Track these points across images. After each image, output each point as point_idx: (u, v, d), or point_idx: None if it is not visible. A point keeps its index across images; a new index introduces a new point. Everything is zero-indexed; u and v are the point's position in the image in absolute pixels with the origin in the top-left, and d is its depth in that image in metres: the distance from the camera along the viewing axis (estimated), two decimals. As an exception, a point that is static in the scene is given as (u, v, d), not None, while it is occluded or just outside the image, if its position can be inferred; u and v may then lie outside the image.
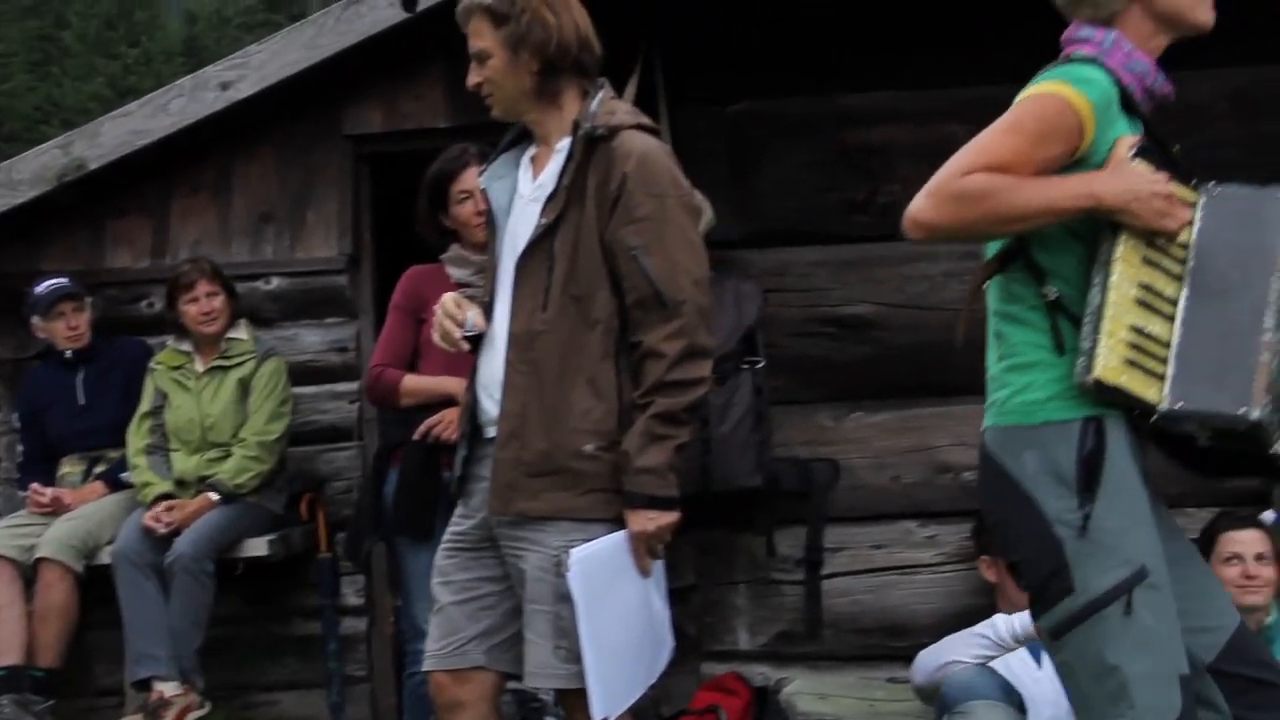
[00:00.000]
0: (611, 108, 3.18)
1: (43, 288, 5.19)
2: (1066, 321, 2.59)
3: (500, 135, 3.33)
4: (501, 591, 3.20)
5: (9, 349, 5.46)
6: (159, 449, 5.07)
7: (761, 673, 4.79)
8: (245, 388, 5.08)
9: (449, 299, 3.27)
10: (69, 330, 5.19)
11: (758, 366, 4.53)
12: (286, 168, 5.43)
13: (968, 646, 4.11)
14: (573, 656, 3.04)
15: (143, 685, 4.79)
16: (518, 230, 3.20)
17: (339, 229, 5.41)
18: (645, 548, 3.09)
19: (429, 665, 3.26)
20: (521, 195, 3.24)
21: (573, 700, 3.11)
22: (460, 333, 3.22)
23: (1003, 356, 2.69)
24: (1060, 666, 2.67)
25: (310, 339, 5.40)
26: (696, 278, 3.10)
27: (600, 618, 3.03)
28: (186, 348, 5.16)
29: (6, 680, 4.80)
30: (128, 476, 5.07)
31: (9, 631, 4.86)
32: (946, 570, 4.72)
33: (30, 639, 4.88)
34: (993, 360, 2.73)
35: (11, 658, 4.83)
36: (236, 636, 5.18)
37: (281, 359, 5.19)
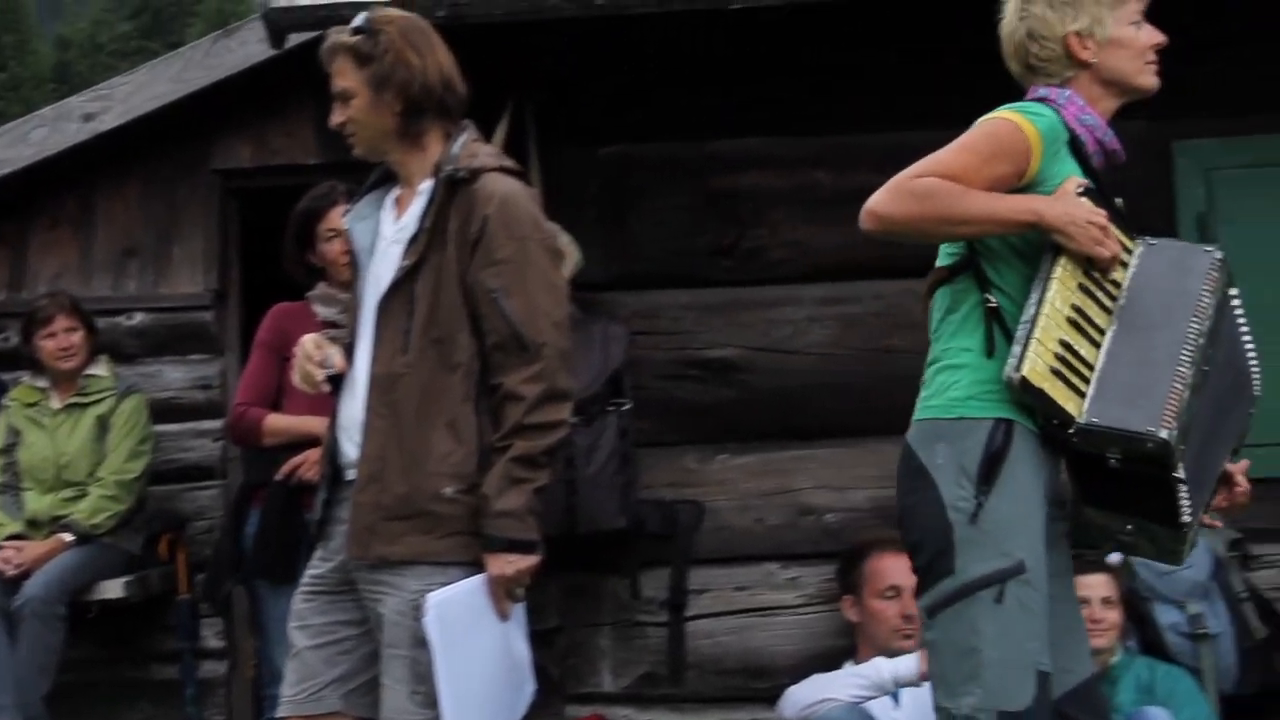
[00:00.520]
0: (473, 150, 3.18)
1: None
2: (1000, 330, 2.77)
3: (371, 174, 3.32)
4: (359, 636, 3.17)
5: None
6: (10, 488, 4.95)
7: (625, 715, 4.78)
8: (104, 425, 4.99)
9: (309, 340, 3.25)
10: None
11: (624, 409, 4.54)
12: (151, 201, 5.36)
13: (846, 686, 4.17)
14: (430, 701, 3.01)
15: (-13, 733, 4.67)
16: (380, 272, 3.19)
17: (205, 264, 5.34)
18: (504, 591, 3.08)
19: (284, 711, 3.21)
20: (384, 236, 3.23)
21: (431, 745, 3.09)
22: (321, 374, 3.20)
23: (936, 359, 2.88)
24: (929, 644, 2.82)
25: (173, 375, 5.32)
26: (556, 320, 3.11)
27: (458, 662, 3.02)
28: (43, 384, 5.05)
29: None
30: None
31: None
32: (808, 612, 4.76)
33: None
34: (928, 364, 2.91)
35: None
36: (90, 682, 5.06)
37: (142, 396, 5.11)
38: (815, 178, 4.80)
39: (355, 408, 3.16)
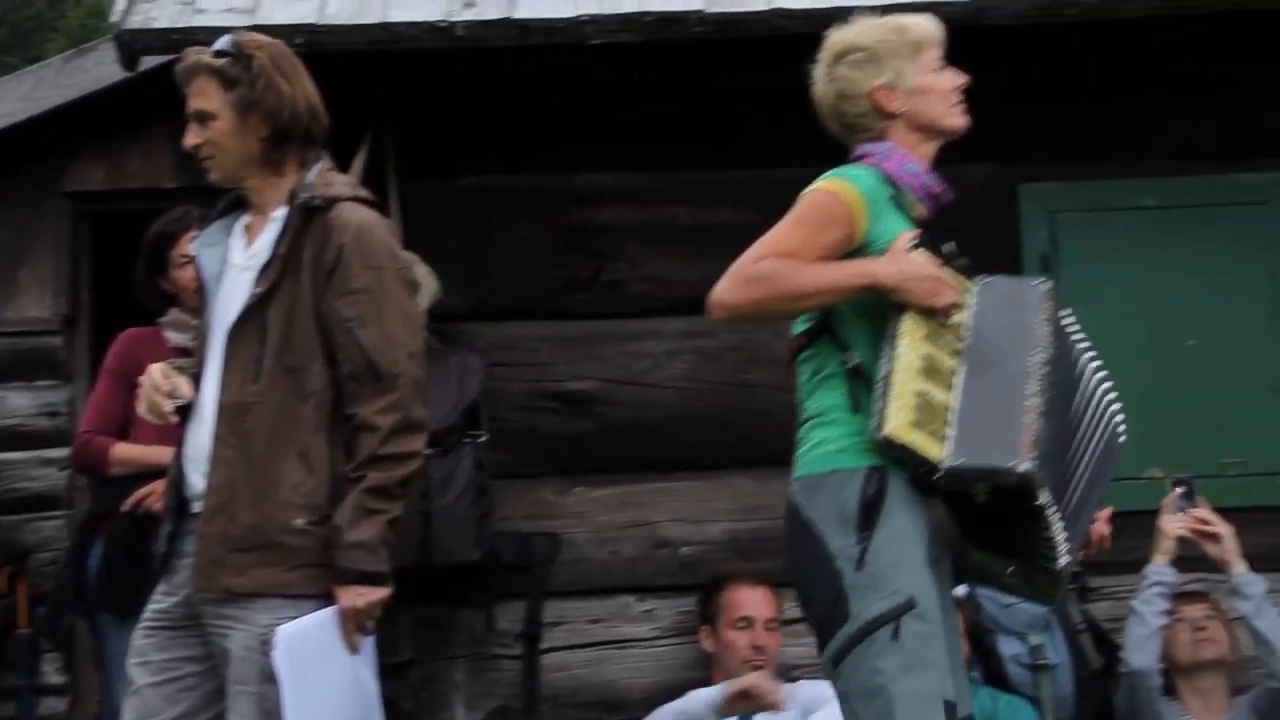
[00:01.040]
0: (329, 179, 3.17)
1: None
2: (862, 386, 2.87)
3: (221, 200, 3.29)
4: (203, 672, 3.11)
5: None
6: None
7: (478, 749, 4.76)
8: (-58, 452, 4.85)
9: (156, 370, 3.19)
10: None
11: (480, 440, 4.53)
12: (-3, 223, 5.23)
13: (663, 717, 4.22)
14: (278, 737, 2.97)
15: None
16: (229, 299, 3.15)
17: (54, 288, 5.22)
18: (355, 624, 3.05)
19: (124, 749, 3.15)
20: (233, 264, 3.19)
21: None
22: (169, 405, 3.15)
23: (809, 418, 2.96)
24: (840, 697, 2.87)
25: (19, 402, 5.18)
26: (412, 351, 3.10)
27: (307, 697, 2.97)
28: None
29: None
30: None
31: None
32: (662, 644, 4.78)
33: None
34: (801, 424, 2.98)
35: None
36: (-79, 719, 4.90)
37: (-15, 422, 4.98)
38: (674, 212, 4.86)
39: (202, 438, 3.10)
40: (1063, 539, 2.87)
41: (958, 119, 3.07)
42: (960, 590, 4.38)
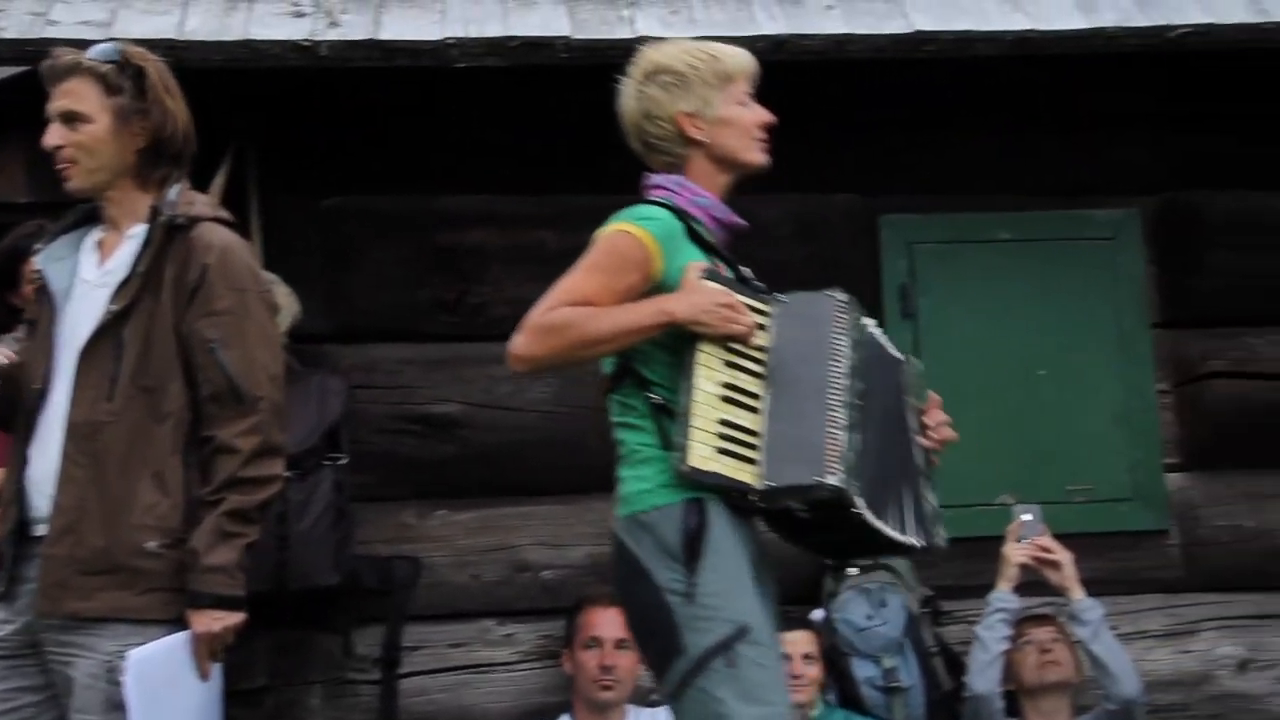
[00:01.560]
0: (190, 198, 3.13)
1: None
2: (669, 421, 2.87)
3: (67, 214, 3.22)
4: (42, 702, 3.03)
5: None
6: None
7: (334, 775, 4.69)
8: None
9: None
10: None
11: (340, 463, 4.47)
12: None
13: None
14: (123, 767, 2.91)
15: None
16: (79, 316, 3.08)
17: (-100, 303, 5.04)
18: (209, 650, 3.00)
19: (-44, 782, 3.05)
20: (85, 280, 3.13)
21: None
22: None
23: (624, 458, 2.97)
24: None
25: None
26: (273, 374, 3.08)
27: (155, 726, 2.92)
28: None
29: None
30: None
31: None
32: (523, 668, 4.76)
33: None
34: (619, 461, 2.99)
35: None
36: None
37: None
38: (540, 236, 4.86)
39: (49, 458, 3.03)
40: (893, 530, 2.93)
41: (758, 155, 3.06)
42: (816, 614, 4.47)
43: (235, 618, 3.01)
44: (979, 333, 4.85)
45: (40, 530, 3.03)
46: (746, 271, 3.07)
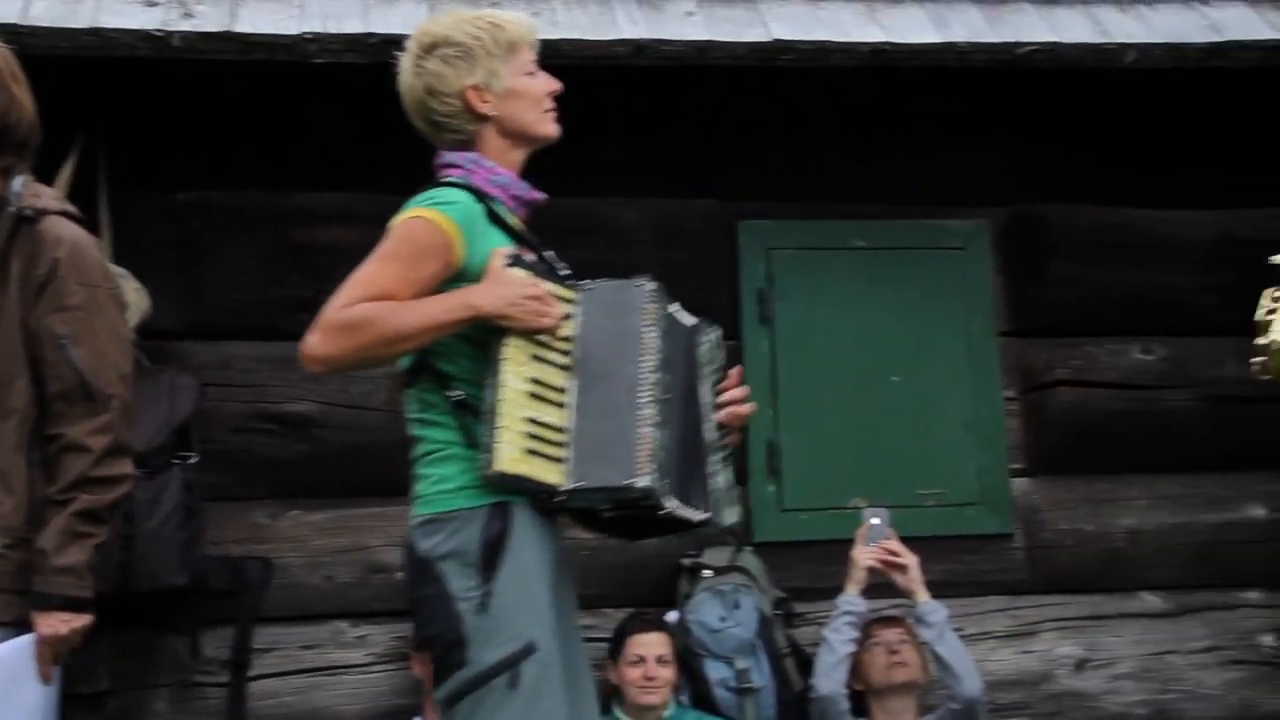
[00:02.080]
0: (36, 190, 3.06)
1: None
2: (474, 420, 2.75)
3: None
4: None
5: None
6: None
7: (180, 779, 4.61)
8: None
9: None
10: None
11: (190, 461, 4.39)
12: None
13: None
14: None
15: None
16: (-81, 311, 2.99)
17: None
18: (54, 652, 2.93)
19: None
20: (-75, 274, 3.03)
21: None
22: None
23: (422, 455, 2.84)
24: None
25: None
26: (124, 373, 3.02)
27: (-3, 729, 2.85)
28: None
29: None
30: None
31: None
32: (376, 670, 4.72)
33: None
34: (416, 459, 2.86)
35: None
36: None
37: None
38: (398, 235, 4.81)
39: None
40: (689, 512, 2.82)
41: (551, 126, 2.95)
42: (671, 615, 4.51)
43: (83, 619, 2.95)
44: (834, 338, 4.93)
45: (-123, 530, 2.94)
46: (549, 254, 2.95)
